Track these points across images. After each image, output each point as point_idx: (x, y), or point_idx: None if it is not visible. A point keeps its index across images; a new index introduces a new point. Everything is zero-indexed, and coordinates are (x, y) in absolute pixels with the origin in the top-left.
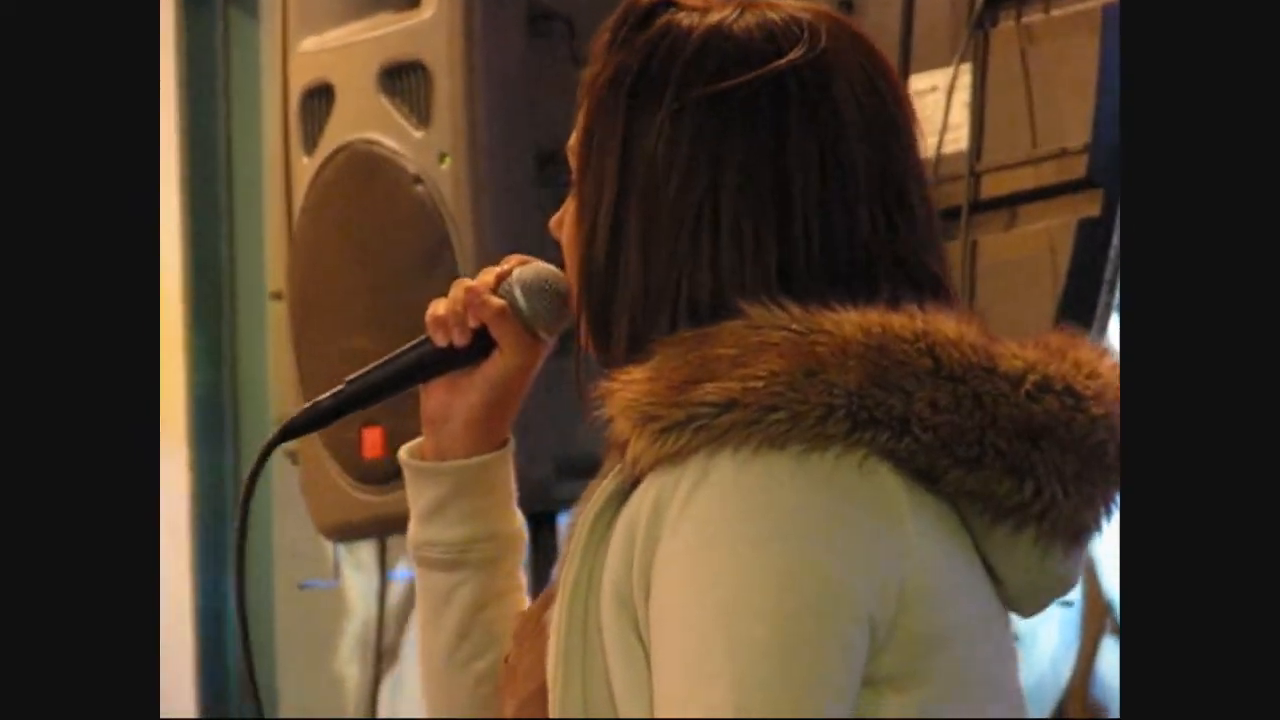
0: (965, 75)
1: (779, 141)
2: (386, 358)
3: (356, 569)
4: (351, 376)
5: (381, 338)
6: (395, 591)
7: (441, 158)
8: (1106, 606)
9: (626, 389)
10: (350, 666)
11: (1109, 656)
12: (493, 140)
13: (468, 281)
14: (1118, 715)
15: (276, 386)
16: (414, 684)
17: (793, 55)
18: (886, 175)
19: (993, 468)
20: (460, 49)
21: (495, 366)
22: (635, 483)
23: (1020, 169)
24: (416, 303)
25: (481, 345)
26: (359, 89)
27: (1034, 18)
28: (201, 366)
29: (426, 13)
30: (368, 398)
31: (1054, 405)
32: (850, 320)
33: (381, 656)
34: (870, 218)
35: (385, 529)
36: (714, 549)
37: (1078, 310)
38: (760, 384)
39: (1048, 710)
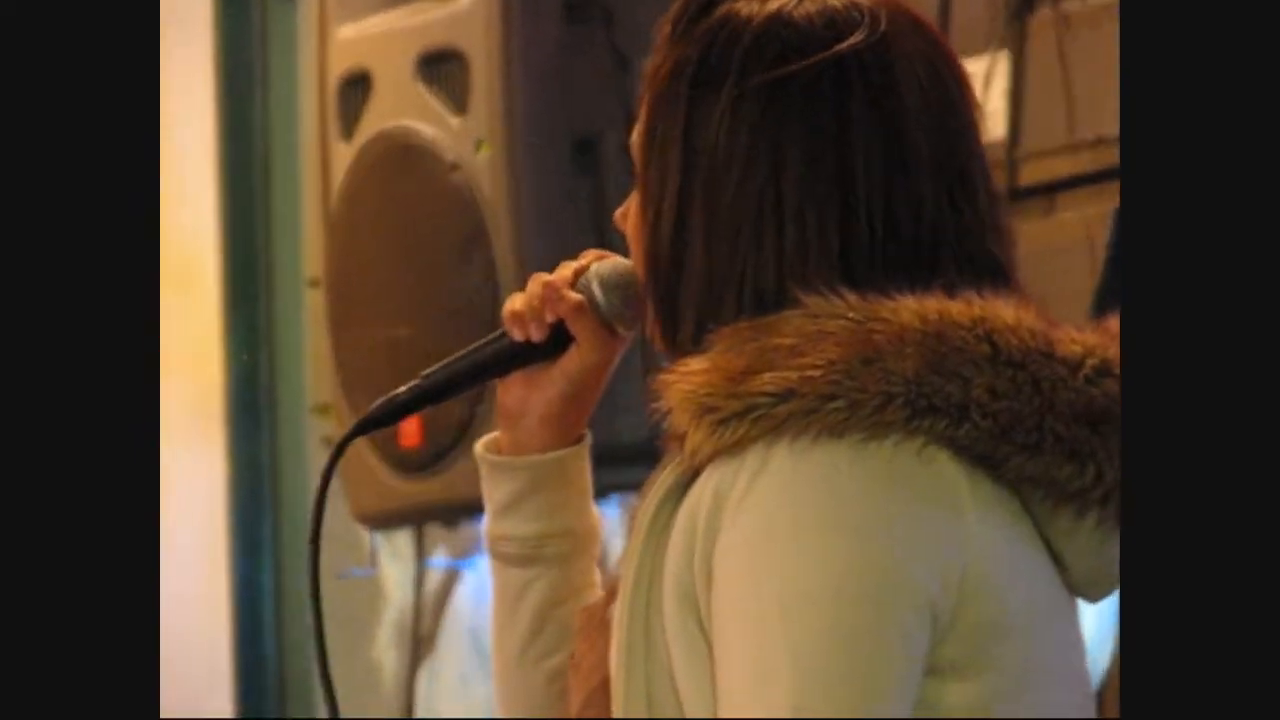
0: (1003, 63)
1: (841, 127)
2: (463, 351)
3: (394, 557)
4: (427, 371)
5: (418, 325)
6: (432, 579)
7: (479, 145)
8: None
9: (684, 380)
10: (387, 654)
11: None
12: (529, 128)
13: (545, 276)
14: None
15: (314, 374)
16: (451, 672)
17: (853, 40)
18: (949, 159)
19: (1053, 453)
20: (498, 37)
21: (573, 361)
22: (695, 474)
23: (1058, 156)
24: (453, 290)
25: (559, 340)
26: (397, 76)
27: (1071, 6)
28: (238, 353)
29: (464, 1)
30: (445, 392)
31: (1113, 389)
32: (908, 307)
33: (419, 644)
34: (934, 201)
35: (422, 517)
36: (773, 540)
37: (1115, 299)
38: (818, 373)
39: None
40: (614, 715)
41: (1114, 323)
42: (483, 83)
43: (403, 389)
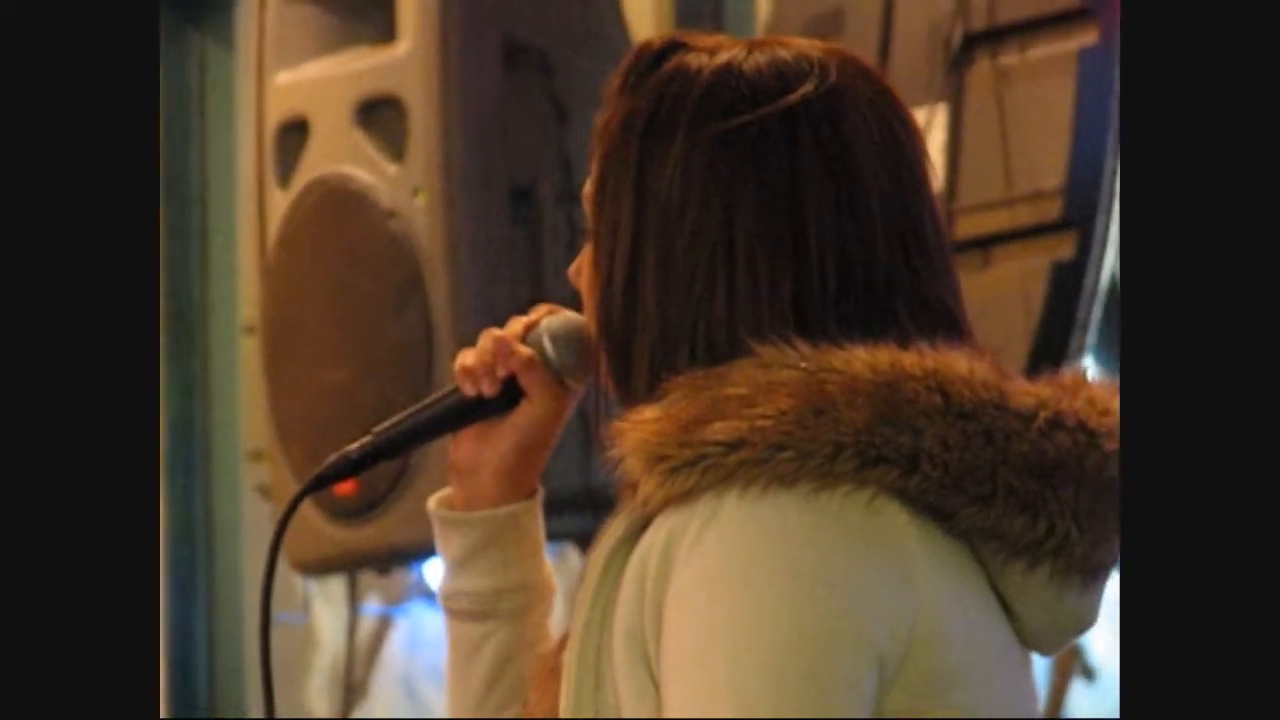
0: (941, 115)
1: (792, 176)
2: (415, 408)
3: (327, 603)
4: (378, 428)
5: (354, 372)
6: (365, 626)
7: (416, 192)
8: (1075, 649)
9: (637, 429)
10: (319, 700)
11: (1078, 700)
12: (467, 175)
13: (496, 332)
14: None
15: (249, 421)
16: (382, 717)
17: (803, 90)
18: (901, 207)
19: (1005, 505)
20: (436, 84)
21: (524, 415)
22: (646, 522)
23: (994, 210)
24: (389, 337)
25: (510, 395)
26: (334, 123)
27: (1010, 59)
28: (174, 400)
29: (402, 47)
30: (396, 448)
31: (1066, 442)
32: (860, 358)
33: (351, 691)
34: (887, 249)
35: (355, 564)
36: (722, 586)
37: (1050, 353)
38: (769, 423)
39: None
40: None
41: (1068, 375)
42: (420, 130)
43: (354, 446)
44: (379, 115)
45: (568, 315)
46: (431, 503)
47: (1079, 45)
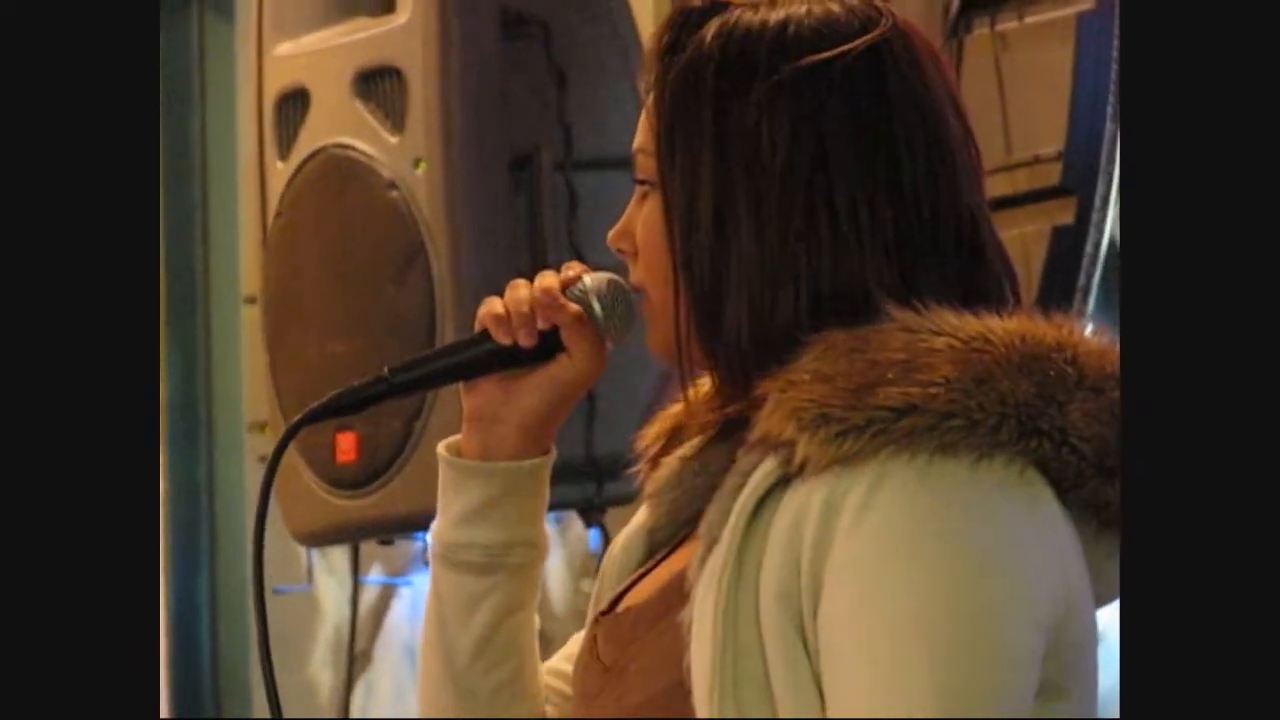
0: None
1: (882, 111)
2: (439, 349)
3: (329, 573)
4: (394, 366)
5: (355, 342)
6: (367, 596)
7: (416, 163)
8: None
9: (795, 390)
10: (323, 671)
11: None
12: (467, 145)
13: (545, 282)
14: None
15: (250, 391)
16: (387, 688)
17: (880, 30)
18: (971, 151)
19: (1097, 473)
20: (435, 54)
21: (564, 370)
22: (785, 483)
23: (994, 176)
24: (390, 307)
25: (548, 348)
26: (334, 94)
27: (1008, 25)
28: (175, 371)
29: (401, 18)
30: (413, 388)
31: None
32: (1002, 328)
33: (354, 660)
34: (969, 190)
35: (358, 534)
36: (900, 556)
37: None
38: (939, 390)
39: None
40: (701, 717)
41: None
42: (420, 100)
43: (364, 381)
44: (378, 85)
45: (611, 276)
46: (441, 449)
47: (1077, 10)
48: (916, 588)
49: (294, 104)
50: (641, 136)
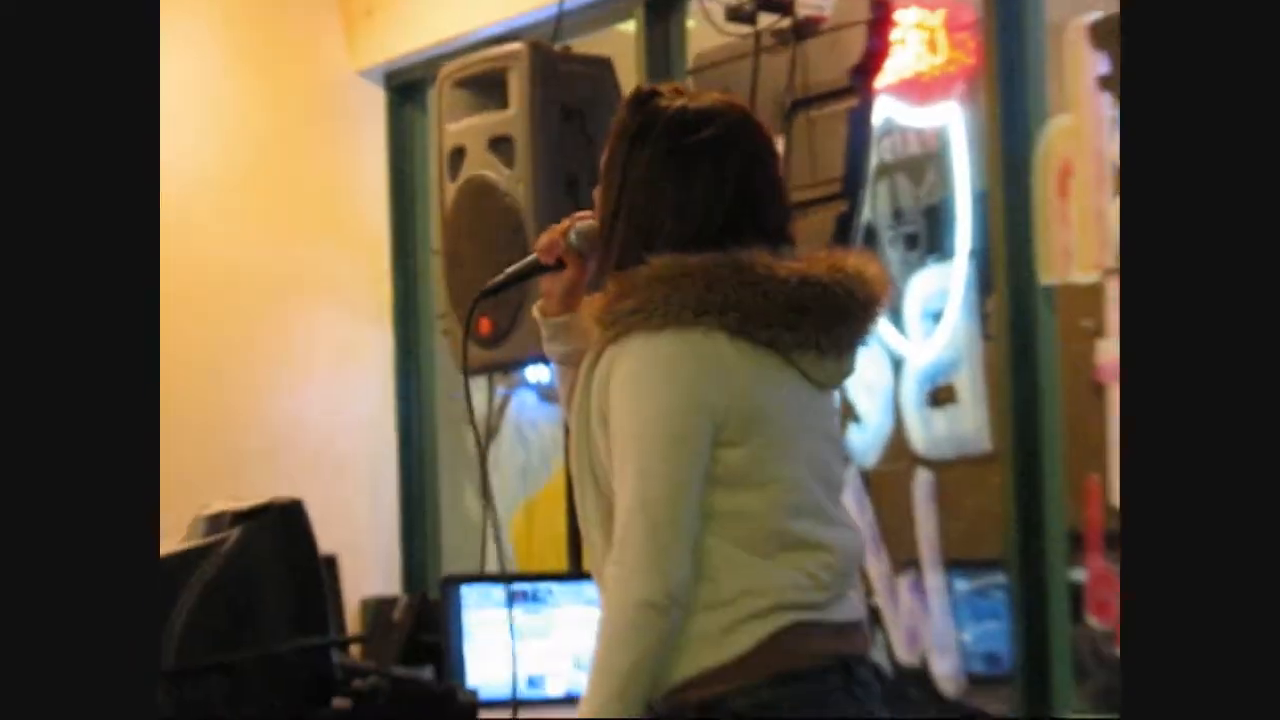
0: (782, 141)
1: (733, 160)
2: (515, 266)
3: (478, 389)
4: (499, 275)
5: (487, 272)
6: (497, 400)
7: (518, 184)
8: (847, 403)
9: (592, 303)
10: (470, 435)
11: (852, 437)
12: (541, 173)
13: (554, 230)
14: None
15: (439, 294)
16: (505, 444)
17: (738, 116)
18: (754, 188)
19: (778, 326)
20: (528, 129)
21: (567, 273)
22: (599, 354)
23: (807, 189)
24: (507, 258)
25: (558, 264)
26: (477, 149)
27: (814, 113)
28: (401, 280)
29: (513, 110)
30: (512, 282)
31: (810, 291)
32: (696, 260)
33: (489, 433)
34: (736, 208)
35: (492, 368)
36: (628, 391)
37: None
38: (649, 296)
39: (878, 453)
40: (573, 479)
41: (820, 255)
42: (521, 152)
43: (491, 283)
44: (500, 145)
45: (590, 221)
46: (535, 311)
47: (848, 107)
48: (630, 407)
49: (458, 155)
50: (602, 161)
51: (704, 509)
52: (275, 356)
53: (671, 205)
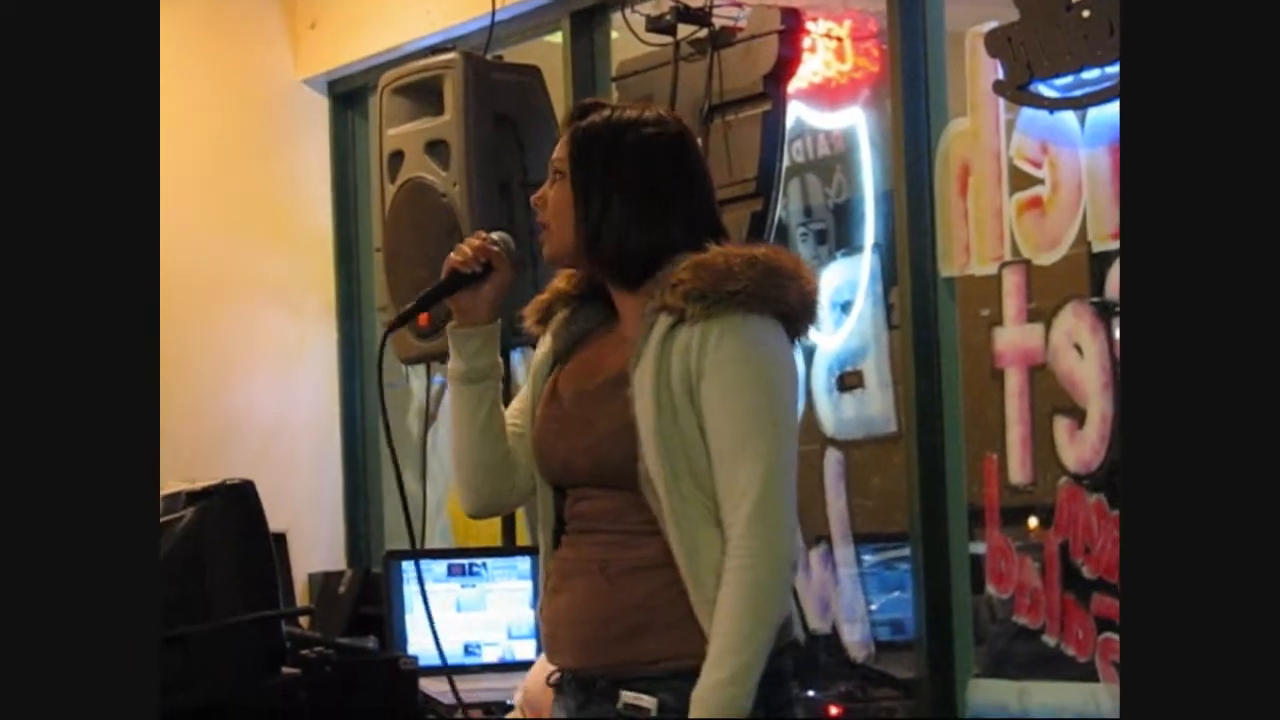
0: (700, 143)
1: (675, 162)
2: (437, 283)
3: (416, 377)
4: (421, 292)
5: (427, 273)
6: (435, 387)
7: (454, 185)
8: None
9: (681, 283)
10: (413, 424)
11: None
12: (477, 178)
13: (475, 241)
14: None
15: (381, 290)
16: (444, 432)
17: (673, 126)
18: (704, 187)
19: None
20: (462, 133)
21: (499, 279)
22: (674, 327)
23: (726, 187)
24: (443, 256)
25: (485, 271)
26: (415, 153)
27: (731, 117)
28: (342, 283)
29: (448, 115)
30: (433, 300)
31: (746, 271)
32: (749, 252)
33: (428, 419)
34: (713, 196)
35: (429, 358)
36: (756, 363)
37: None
38: (747, 282)
39: None
40: (651, 455)
41: (748, 250)
42: (455, 156)
43: (413, 303)
44: (436, 148)
45: (503, 234)
46: (451, 326)
47: (761, 111)
48: (754, 380)
49: (397, 158)
50: (558, 153)
51: None
52: (227, 350)
53: (671, 196)
